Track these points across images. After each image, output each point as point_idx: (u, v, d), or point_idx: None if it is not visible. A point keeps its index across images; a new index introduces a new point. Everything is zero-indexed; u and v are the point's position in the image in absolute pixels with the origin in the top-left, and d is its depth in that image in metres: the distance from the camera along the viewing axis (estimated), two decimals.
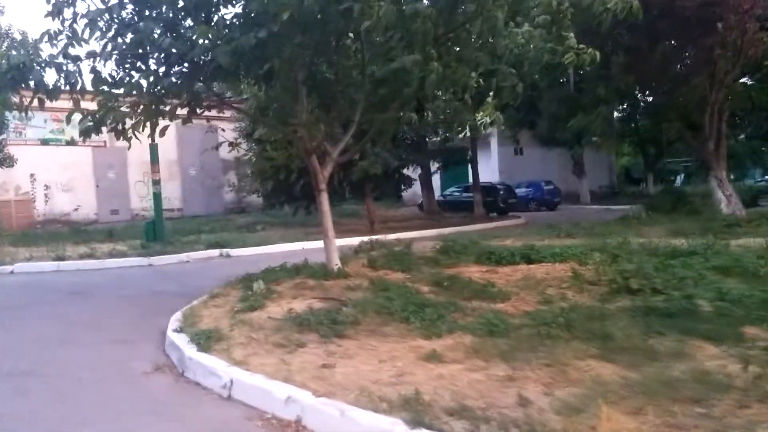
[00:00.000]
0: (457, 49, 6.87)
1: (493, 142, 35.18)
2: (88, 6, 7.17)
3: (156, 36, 6.62)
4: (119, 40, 6.81)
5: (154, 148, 14.66)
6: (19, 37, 15.85)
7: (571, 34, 7.25)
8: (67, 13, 7.16)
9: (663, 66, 15.40)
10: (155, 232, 14.25)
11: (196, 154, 26.97)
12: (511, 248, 8.83)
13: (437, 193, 28.41)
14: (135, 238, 18.52)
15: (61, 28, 6.98)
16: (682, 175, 44.56)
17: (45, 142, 22.42)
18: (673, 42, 15.84)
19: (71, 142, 23.46)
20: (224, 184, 28.32)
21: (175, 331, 5.83)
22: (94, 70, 6.99)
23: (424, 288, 6.67)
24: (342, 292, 6.54)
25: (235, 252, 14.21)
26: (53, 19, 7.72)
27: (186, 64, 6.98)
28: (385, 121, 8.14)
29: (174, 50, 6.44)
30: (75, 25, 7.26)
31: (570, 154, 34.50)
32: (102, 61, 6.87)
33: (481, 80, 7.97)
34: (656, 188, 40.36)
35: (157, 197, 14.56)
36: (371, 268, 8.42)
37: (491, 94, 9.03)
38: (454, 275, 7.13)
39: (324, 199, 8.36)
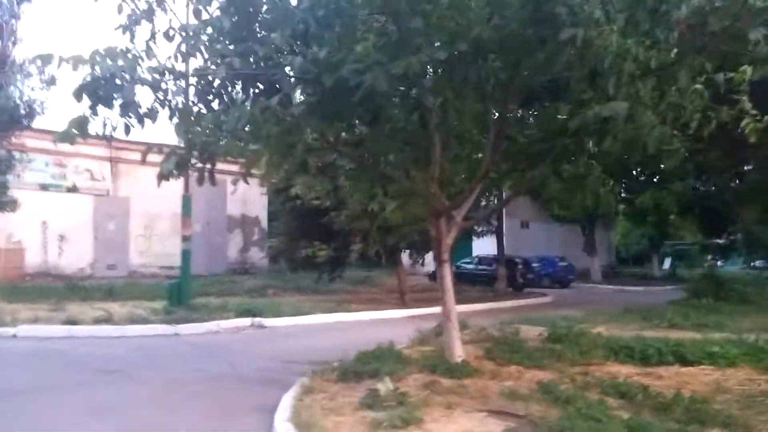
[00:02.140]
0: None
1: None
2: (170, 21, 5.92)
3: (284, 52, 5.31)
4: (227, 58, 5.47)
5: (187, 200, 13.14)
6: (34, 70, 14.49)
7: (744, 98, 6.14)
8: (142, 28, 5.92)
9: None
10: (180, 295, 12.52)
11: (202, 209, 25.36)
12: (649, 342, 7.40)
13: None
14: (137, 298, 16.82)
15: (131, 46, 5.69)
16: (670, 259, 43.73)
17: (45, 187, 20.70)
18: None
19: (72, 189, 21.90)
20: (228, 243, 26.62)
21: None
22: (200, 92, 5.59)
23: (609, 400, 5.18)
24: (509, 404, 5.02)
25: (269, 322, 12.53)
26: (124, 33, 6.47)
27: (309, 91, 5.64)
28: (531, 179, 6.74)
29: (316, 70, 5.11)
30: (151, 43, 5.98)
31: (582, 231, 33.71)
32: (211, 80, 5.50)
33: None
34: (661, 270, 39.65)
35: (186, 255, 12.92)
36: (490, 359, 6.92)
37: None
38: (633, 382, 5.66)
39: (447, 273, 6.94)
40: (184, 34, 5.72)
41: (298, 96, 5.91)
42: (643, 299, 20.98)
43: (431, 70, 5.46)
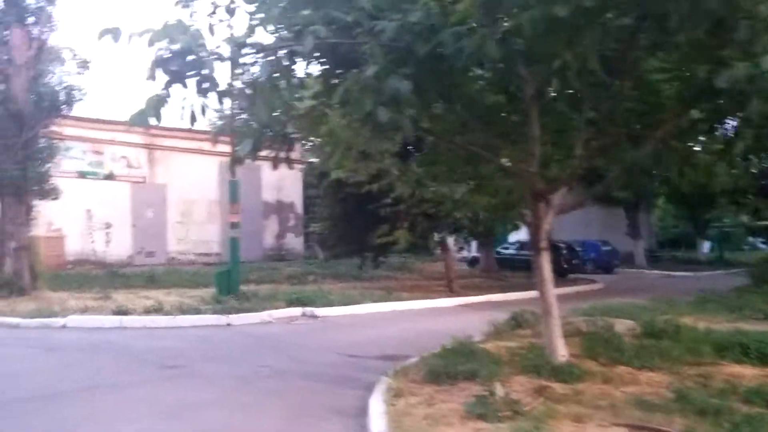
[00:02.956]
0: None
1: None
2: None
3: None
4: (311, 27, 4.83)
5: (234, 185, 12.62)
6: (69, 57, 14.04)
7: None
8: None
9: None
10: (229, 284, 12.05)
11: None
12: (760, 338, 6.67)
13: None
14: (179, 285, 16.57)
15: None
16: (708, 242, 42.13)
17: (82, 174, 20.45)
18: None
19: (110, 176, 21.64)
20: (264, 229, 26.22)
21: None
22: (286, 67, 4.98)
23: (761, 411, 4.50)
24: (646, 415, 4.38)
25: (320, 312, 12.02)
26: (184, 7, 5.92)
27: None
28: (635, 160, 5.99)
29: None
30: (210, 18, 5.41)
31: (626, 213, 32.63)
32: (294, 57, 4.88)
33: None
34: (709, 253, 38.30)
35: (234, 243, 12.42)
36: (590, 359, 6.27)
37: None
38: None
39: (546, 261, 6.27)
40: (257, 3, 5.13)
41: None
42: (696, 285, 20.07)
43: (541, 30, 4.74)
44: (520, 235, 27.97)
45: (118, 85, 52.61)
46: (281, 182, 26.32)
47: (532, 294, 17.17)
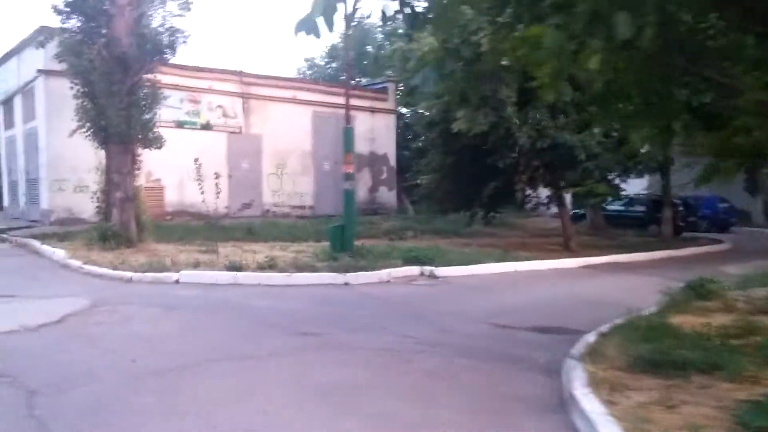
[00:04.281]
0: None
1: None
2: None
3: None
4: None
5: (348, 132, 11.61)
6: None
7: None
8: None
9: None
10: (343, 240, 11.21)
11: (330, 146, 24.20)
12: None
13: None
14: (277, 239, 16.01)
15: None
16: None
17: (180, 124, 20.11)
18: None
19: (207, 126, 21.26)
20: (357, 182, 25.40)
21: None
22: None
23: None
24: None
25: (440, 271, 11.01)
26: None
27: None
28: None
29: None
30: None
31: (745, 168, 29.53)
32: None
33: None
34: None
35: (349, 196, 11.50)
36: None
37: None
38: None
39: None
40: None
41: None
42: None
43: None
44: (633, 190, 25.86)
45: (213, 31, 52.48)
46: (374, 133, 25.30)
47: (648, 255, 15.84)
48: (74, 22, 12.18)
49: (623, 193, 26.95)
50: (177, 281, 9.80)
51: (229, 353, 5.69)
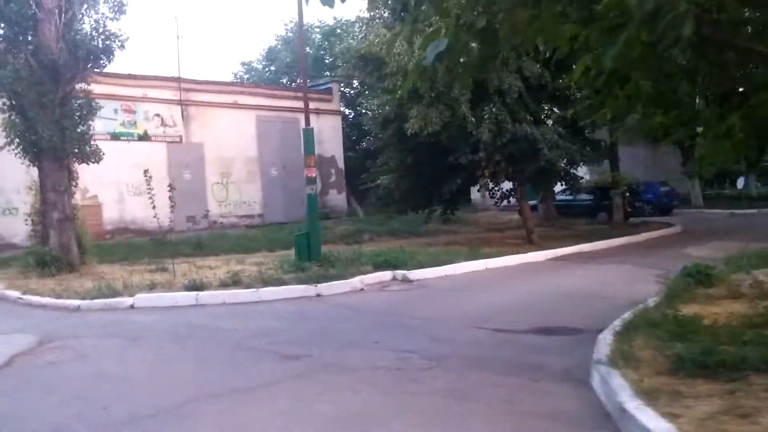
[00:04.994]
0: None
1: None
2: None
3: None
4: None
5: (308, 133, 10.95)
6: None
7: None
8: None
9: None
10: (310, 248, 10.56)
11: (276, 151, 23.42)
12: None
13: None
14: (229, 251, 15.31)
15: None
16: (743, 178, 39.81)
17: (115, 136, 18.86)
18: None
19: (144, 137, 20.05)
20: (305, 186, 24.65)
21: None
22: None
23: None
24: None
25: (413, 275, 10.56)
26: None
27: None
28: None
29: None
30: None
31: (682, 151, 30.53)
32: None
33: None
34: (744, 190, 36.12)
35: (312, 201, 10.86)
36: None
37: None
38: None
39: None
40: None
41: None
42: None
43: None
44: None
45: (144, 37, 50.19)
46: (321, 135, 24.64)
47: (618, 242, 15.93)
48: None
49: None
50: (132, 306, 8.93)
51: (212, 389, 5.02)
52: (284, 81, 33.10)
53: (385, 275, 10.54)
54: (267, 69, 34.71)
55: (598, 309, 7.37)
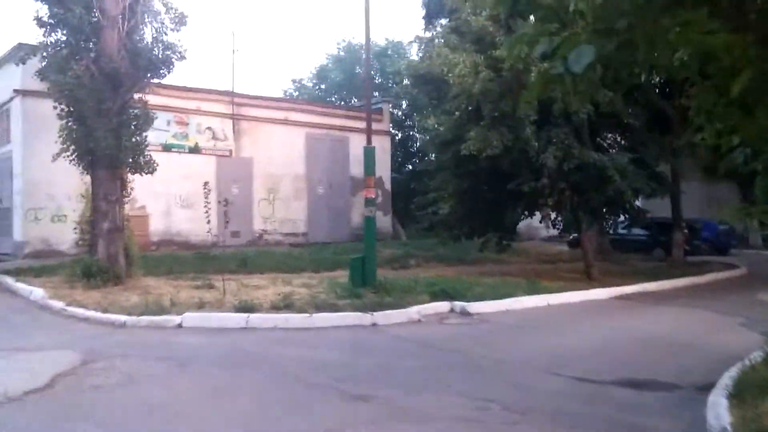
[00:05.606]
0: None
1: None
2: None
3: None
4: None
5: (369, 153, 10.50)
6: None
7: None
8: None
9: None
10: (364, 273, 10.04)
11: (324, 170, 23.13)
12: None
13: None
14: (275, 269, 14.86)
15: None
16: None
17: (167, 147, 18.79)
18: None
19: (195, 149, 19.98)
20: (351, 207, 24.27)
21: None
22: None
23: None
24: None
25: (473, 308, 9.91)
26: None
27: None
28: None
29: None
30: None
31: (740, 189, 29.18)
32: None
33: None
34: None
35: (371, 224, 10.33)
36: None
37: None
38: None
39: None
40: None
41: None
42: None
43: None
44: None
45: (197, 51, 51.15)
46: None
47: (683, 282, 14.94)
48: (59, 36, 10.95)
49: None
50: (179, 325, 8.51)
51: (275, 430, 4.48)
52: (333, 99, 33.02)
53: (443, 306, 9.92)
54: (317, 87, 34.75)
55: (687, 360, 6.65)
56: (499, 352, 7.34)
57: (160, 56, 11.58)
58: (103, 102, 10.75)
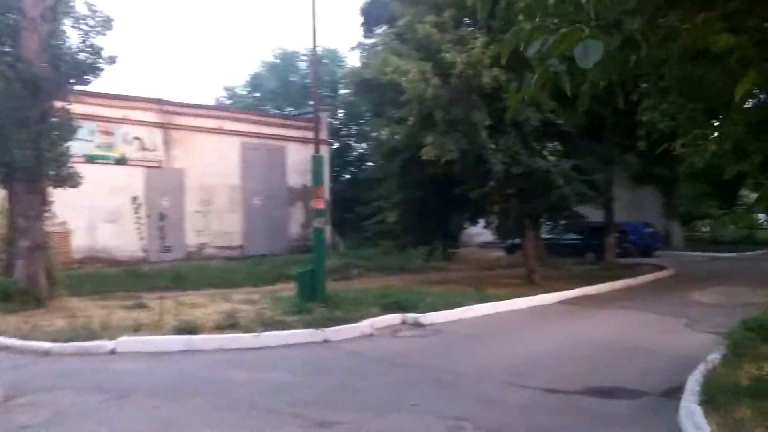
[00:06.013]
0: None
1: None
2: None
3: None
4: None
5: (318, 161, 10.08)
6: None
7: None
8: None
9: None
10: (314, 287, 9.61)
11: (260, 180, 22.45)
12: None
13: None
14: (211, 285, 14.20)
15: None
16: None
17: (91, 159, 17.63)
18: None
19: (121, 160, 18.88)
20: (289, 218, 23.62)
21: None
22: None
23: None
24: None
25: (426, 318, 9.68)
26: None
27: None
28: None
29: None
30: None
31: (663, 193, 30.58)
32: None
33: None
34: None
35: (319, 235, 9.93)
36: None
37: None
38: None
39: None
40: None
41: None
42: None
43: None
44: None
45: (124, 57, 48.83)
46: (307, 165, 23.75)
47: (619, 285, 15.31)
48: None
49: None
50: (113, 351, 7.80)
51: None
52: (268, 108, 32.29)
53: (395, 318, 9.64)
54: (251, 95, 33.87)
55: (645, 365, 6.67)
56: (460, 364, 7.11)
57: (87, 61, 10.78)
58: (21, 110, 9.86)
